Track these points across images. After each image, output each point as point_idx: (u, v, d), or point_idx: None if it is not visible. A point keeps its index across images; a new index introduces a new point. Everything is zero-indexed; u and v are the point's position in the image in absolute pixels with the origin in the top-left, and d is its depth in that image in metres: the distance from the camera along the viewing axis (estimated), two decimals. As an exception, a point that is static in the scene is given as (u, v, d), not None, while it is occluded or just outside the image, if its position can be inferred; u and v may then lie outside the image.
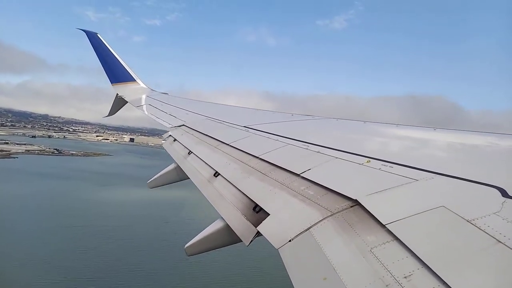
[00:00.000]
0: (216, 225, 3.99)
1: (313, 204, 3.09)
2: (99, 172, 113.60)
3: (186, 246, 4.17)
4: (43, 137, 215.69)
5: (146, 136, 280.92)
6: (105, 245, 51.84)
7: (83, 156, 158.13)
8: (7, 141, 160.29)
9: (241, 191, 4.01)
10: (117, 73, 17.29)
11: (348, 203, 2.88)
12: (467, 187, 2.66)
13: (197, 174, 5.36)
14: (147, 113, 12.16)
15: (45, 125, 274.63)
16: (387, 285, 1.95)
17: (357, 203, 2.81)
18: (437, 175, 2.94)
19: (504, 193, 2.42)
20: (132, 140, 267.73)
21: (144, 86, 17.29)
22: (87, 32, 17.59)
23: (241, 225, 3.54)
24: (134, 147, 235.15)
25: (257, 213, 3.47)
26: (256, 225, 3.31)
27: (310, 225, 2.80)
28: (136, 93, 16.26)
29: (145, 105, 13.76)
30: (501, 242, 1.94)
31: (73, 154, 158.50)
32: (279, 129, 6.13)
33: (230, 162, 5.08)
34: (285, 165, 4.12)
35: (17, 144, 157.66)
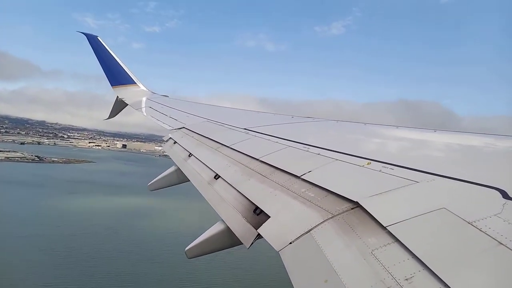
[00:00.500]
0: (216, 228, 3.99)
1: (313, 206, 3.09)
2: (72, 179, 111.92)
3: (186, 248, 4.16)
4: (32, 144, 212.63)
5: (142, 142, 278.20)
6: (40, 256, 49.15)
7: (64, 163, 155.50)
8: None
9: (241, 193, 4.01)
10: (117, 75, 17.30)
11: (348, 205, 2.88)
12: (468, 189, 2.66)
13: (198, 176, 5.36)
14: (147, 116, 12.16)
15: (40, 131, 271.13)
16: (388, 287, 1.95)
17: (357, 205, 2.81)
18: (438, 177, 2.94)
19: (504, 195, 2.41)
20: (124, 146, 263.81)
21: (144, 88, 17.29)
22: (87, 35, 17.63)
23: (241, 227, 3.54)
24: (124, 153, 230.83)
25: (258, 216, 3.47)
26: (256, 227, 3.31)
27: (311, 227, 2.79)
28: (136, 96, 16.27)
29: (145, 107, 13.77)
30: (502, 243, 1.94)
31: (54, 161, 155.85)
32: (279, 131, 6.13)
33: (230, 164, 5.08)
34: (286, 167, 4.11)
35: (0, 151, 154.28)
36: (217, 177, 4.82)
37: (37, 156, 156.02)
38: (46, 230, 59.82)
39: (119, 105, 16.69)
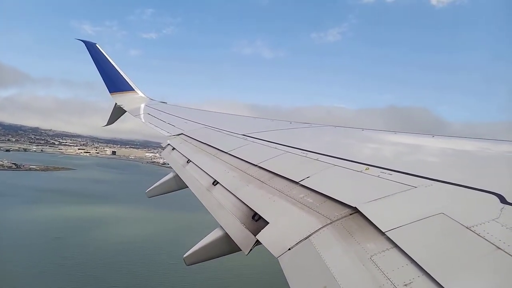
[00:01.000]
0: (215, 234, 3.97)
1: (312, 212, 3.08)
2: (40, 188, 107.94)
3: (185, 255, 4.14)
4: (19, 151, 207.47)
5: (136, 148, 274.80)
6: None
7: (42, 170, 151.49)
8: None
9: (240, 199, 4.00)
10: (115, 82, 17.35)
11: (347, 210, 2.87)
12: (466, 194, 2.67)
13: (196, 182, 5.34)
14: (146, 122, 12.16)
15: (32, 138, 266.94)
16: None
17: (356, 210, 2.81)
18: (436, 182, 2.95)
19: (502, 200, 2.42)
20: (114, 153, 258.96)
21: (142, 95, 17.33)
22: (86, 42, 17.71)
23: (240, 233, 3.52)
24: (112, 160, 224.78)
25: (256, 222, 3.46)
26: (255, 233, 3.30)
27: (309, 233, 2.79)
28: (134, 102, 16.29)
29: (144, 114, 13.77)
30: (500, 248, 1.94)
31: (32, 168, 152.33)
32: (277, 137, 6.14)
33: (228, 170, 5.07)
34: (284, 173, 4.11)
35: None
36: (215, 183, 4.81)
37: (14, 163, 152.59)
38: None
39: (118, 112, 16.72)
